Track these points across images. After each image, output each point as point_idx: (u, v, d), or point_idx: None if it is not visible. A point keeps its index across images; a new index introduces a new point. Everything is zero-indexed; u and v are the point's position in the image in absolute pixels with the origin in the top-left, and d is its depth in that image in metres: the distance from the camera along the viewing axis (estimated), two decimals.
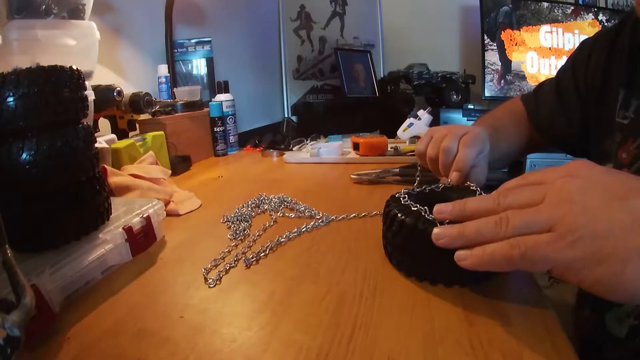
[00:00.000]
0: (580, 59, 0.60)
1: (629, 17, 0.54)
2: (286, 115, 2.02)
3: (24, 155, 0.37)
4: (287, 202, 0.67)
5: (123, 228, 0.46)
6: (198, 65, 1.30)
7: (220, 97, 1.17)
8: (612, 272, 0.25)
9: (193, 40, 1.27)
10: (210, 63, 1.30)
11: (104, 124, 0.90)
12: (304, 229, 0.55)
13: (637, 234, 0.25)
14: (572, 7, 2.02)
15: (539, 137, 0.67)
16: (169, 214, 0.65)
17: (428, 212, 0.38)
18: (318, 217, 0.60)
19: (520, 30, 2.01)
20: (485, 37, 1.99)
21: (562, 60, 1.43)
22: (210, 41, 1.29)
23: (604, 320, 0.49)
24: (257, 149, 1.22)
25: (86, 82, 0.56)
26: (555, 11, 2.02)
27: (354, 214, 0.60)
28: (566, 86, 0.62)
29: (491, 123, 0.65)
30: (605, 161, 0.52)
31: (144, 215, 0.49)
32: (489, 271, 0.37)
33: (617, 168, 0.49)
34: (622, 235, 0.25)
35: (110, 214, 0.48)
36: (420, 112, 1.06)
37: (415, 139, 1.07)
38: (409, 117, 1.07)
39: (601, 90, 0.55)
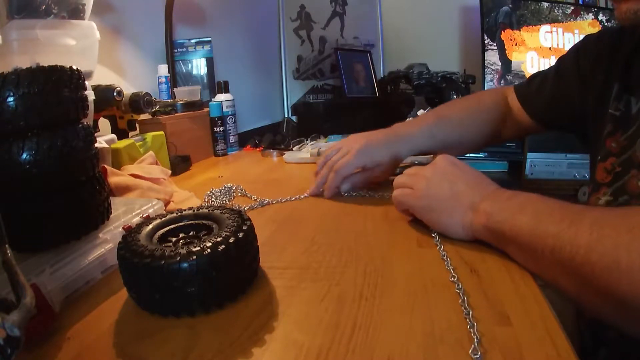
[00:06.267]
0: (585, 52, 0.62)
1: None
2: (286, 115, 2.02)
3: (24, 155, 0.37)
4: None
5: (123, 228, 0.46)
6: (198, 65, 1.30)
7: (220, 97, 1.17)
8: (435, 217, 0.48)
9: (193, 40, 1.27)
10: (210, 63, 1.30)
11: (104, 124, 0.90)
12: None
13: (449, 201, 0.46)
14: (572, 7, 2.02)
15: (536, 124, 0.70)
16: None
17: None
18: None
19: (520, 30, 2.01)
20: (485, 37, 2.00)
21: None
22: (210, 41, 1.28)
23: None
24: (257, 149, 1.22)
25: (86, 82, 0.56)
26: (555, 11, 2.02)
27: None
28: (568, 73, 0.64)
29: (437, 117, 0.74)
30: (599, 152, 0.55)
31: (144, 215, 0.49)
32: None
33: (605, 156, 0.53)
34: (442, 200, 0.47)
35: (110, 214, 0.48)
36: (420, 112, 1.06)
37: None
38: (409, 117, 1.07)
39: (601, 87, 0.57)
